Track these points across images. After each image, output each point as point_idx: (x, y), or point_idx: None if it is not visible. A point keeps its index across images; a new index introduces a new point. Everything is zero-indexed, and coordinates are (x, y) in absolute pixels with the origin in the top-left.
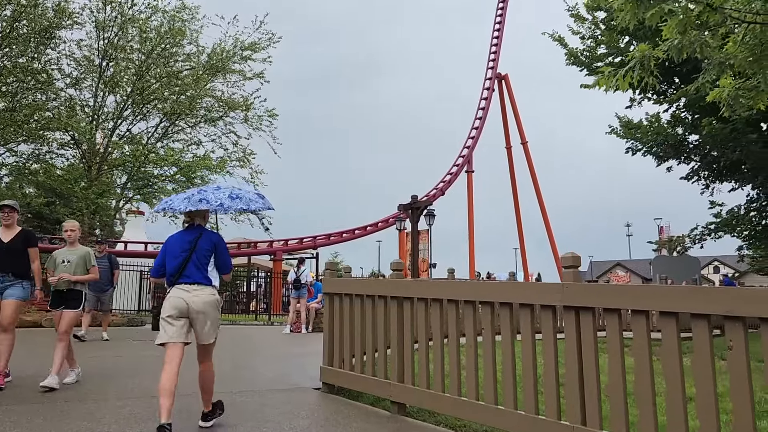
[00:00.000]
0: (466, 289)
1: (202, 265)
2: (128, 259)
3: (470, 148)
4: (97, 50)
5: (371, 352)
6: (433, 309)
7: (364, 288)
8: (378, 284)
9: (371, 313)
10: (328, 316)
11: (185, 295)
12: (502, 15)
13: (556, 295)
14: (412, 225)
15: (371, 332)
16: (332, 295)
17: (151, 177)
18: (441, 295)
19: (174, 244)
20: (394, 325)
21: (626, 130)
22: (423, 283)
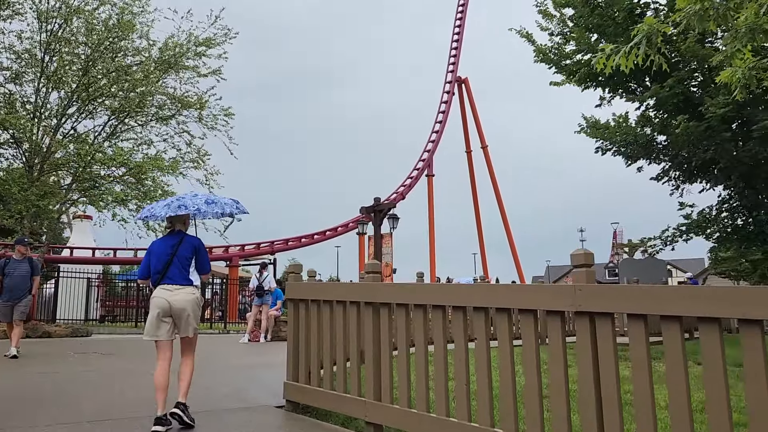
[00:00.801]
0: (467, 294)
1: (183, 267)
2: (75, 266)
3: (431, 152)
4: (39, 43)
5: (342, 365)
6: (416, 316)
7: (333, 293)
8: (350, 288)
9: (342, 322)
10: (293, 325)
11: (167, 294)
12: (462, 18)
13: (566, 299)
14: (374, 228)
15: (342, 343)
16: (297, 301)
17: (98, 178)
18: (429, 301)
19: (158, 248)
20: (369, 335)
21: (593, 130)
22: (405, 287)
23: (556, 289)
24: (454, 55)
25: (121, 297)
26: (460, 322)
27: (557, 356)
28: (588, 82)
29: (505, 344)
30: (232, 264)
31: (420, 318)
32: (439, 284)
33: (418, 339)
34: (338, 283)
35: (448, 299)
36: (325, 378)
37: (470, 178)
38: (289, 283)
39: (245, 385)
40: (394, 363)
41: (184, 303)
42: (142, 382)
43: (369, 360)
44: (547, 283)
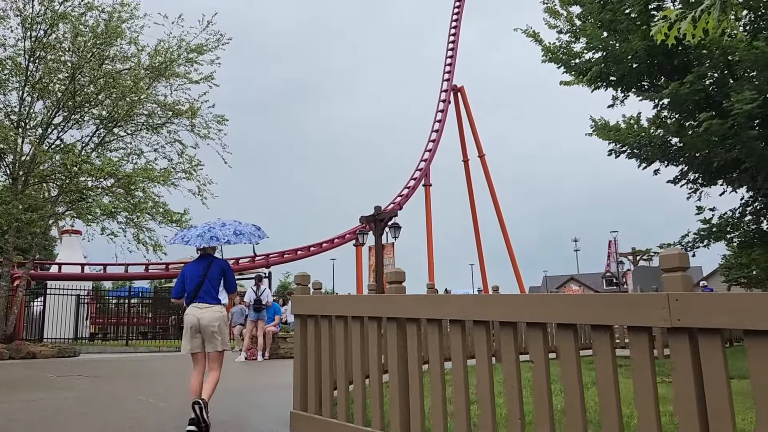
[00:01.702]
0: (519, 307)
1: (212, 288)
2: (63, 283)
3: (427, 162)
4: (24, 51)
5: (361, 390)
6: (451, 333)
7: (349, 307)
8: (369, 302)
9: (360, 340)
10: (300, 344)
11: (197, 312)
12: (457, 27)
13: (655, 311)
14: (375, 238)
15: (360, 365)
16: (305, 317)
17: (85, 189)
18: (468, 315)
19: (190, 271)
20: (393, 356)
21: (604, 132)
22: (437, 299)
23: (639, 300)
24: (450, 63)
25: (113, 314)
26: (510, 340)
27: (645, 387)
28: (599, 82)
29: (572, 366)
30: None
31: (457, 335)
32: (480, 295)
33: (456, 359)
34: (354, 296)
35: (493, 313)
36: (340, 406)
37: (468, 187)
38: (296, 296)
39: (245, 412)
40: (425, 388)
41: (212, 320)
42: (130, 410)
43: (394, 385)
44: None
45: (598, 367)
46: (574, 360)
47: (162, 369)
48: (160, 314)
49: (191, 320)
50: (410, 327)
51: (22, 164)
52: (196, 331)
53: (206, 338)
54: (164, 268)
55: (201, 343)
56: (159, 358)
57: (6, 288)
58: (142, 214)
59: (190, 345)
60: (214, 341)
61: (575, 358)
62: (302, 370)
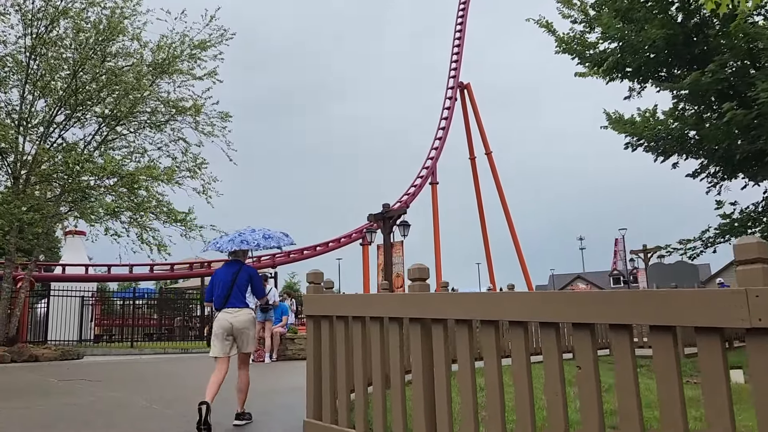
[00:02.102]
0: (563, 305)
1: (241, 293)
2: (67, 284)
3: (434, 159)
4: (24, 47)
5: (380, 399)
6: (482, 335)
7: (368, 307)
8: (391, 301)
9: (380, 343)
10: (314, 347)
11: (228, 317)
12: (463, 23)
13: (732, 310)
14: (384, 236)
15: (380, 370)
16: (318, 318)
17: (87, 188)
18: (505, 315)
19: (220, 276)
20: (418, 360)
21: (620, 125)
22: (469, 297)
23: (711, 298)
24: (456, 60)
25: (118, 316)
26: (552, 342)
27: (720, 401)
28: (614, 73)
29: (628, 372)
30: None
31: (490, 337)
32: (517, 292)
33: (489, 364)
34: (373, 295)
35: (533, 312)
36: (358, 414)
37: (474, 185)
38: (309, 296)
39: (258, 420)
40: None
41: (244, 323)
42: (133, 417)
43: (418, 392)
44: None
45: (661, 377)
46: (629, 362)
47: (167, 372)
48: (165, 315)
49: (223, 324)
50: (436, 328)
51: (24, 164)
52: (228, 334)
53: (238, 340)
54: (169, 269)
55: (230, 346)
56: (164, 360)
57: (8, 290)
58: (146, 214)
59: (219, 350)
60: (245, 342)
61: (631, 361)
62: (316, 375)
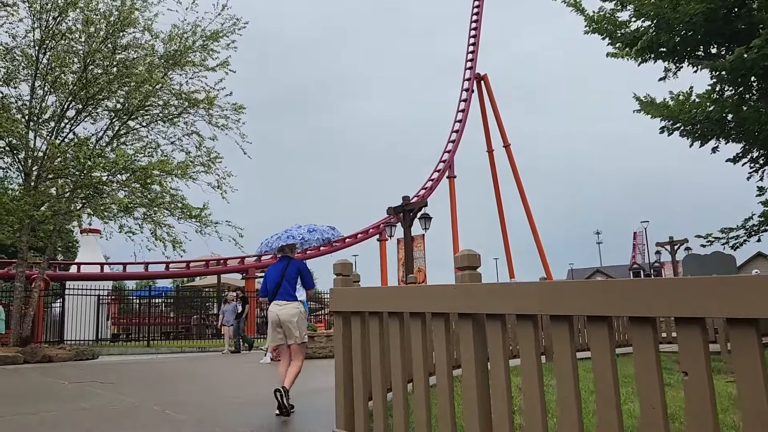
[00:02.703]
0: (651, 295)
1: (290, 287)
2: (83, 283)
3: (451, 153)
4: (33, 41)
5: (424, 405)
6: (557, 330)
7: (407, 301)
8: (434, 295)
9: (421, 342)
10: (343, 348)
11: (277, 309)
12: (479, 13)
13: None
14: (404, 230)
15: (422, 373)
16: (348, 315)
17: (99, 184)
18: (583, 310)
19: (271, 272)
20: (469, 362)
21: (655, 109)
22: (531, 287)
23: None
24: (472, 51)
25: (135, 314)
26: (649, 339)
27: None
28: (647, 54)
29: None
30: (248, 276)
31: (564, 334)
32: (598, 281)
33: (563, 367)
34: (414, 287)
35: (624, 305)
36: (398, 424)
37: (492, 178)
38: (337, 289)
39: (278, 428)
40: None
41: (290, 315)
42: (144, 423)
43: (470, 399)
44: None
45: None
46: (702, 360)
47: (183, 373)
48: (182, 314)
49: (272, 317)
50: (492, 325)
51: (35, 160)
52: (277, 326)
53: (286, 332)
54: (185, 267)
55: (284, 336)
56: (181, 360)
57: (21, 289)
58: (160, 209)
59: (275, 338)
60: (293, 334)
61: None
62: (346, 380)
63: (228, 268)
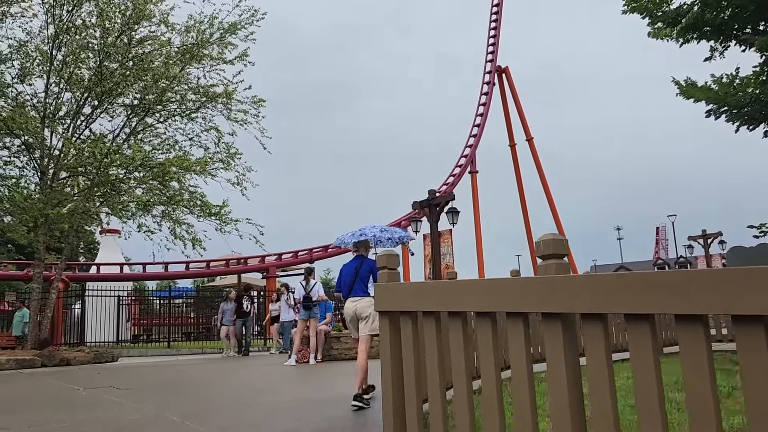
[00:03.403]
0: None
1: (363, 283)
2: (103, 284)
3: (473, 147)
4: (48, 38)
5: (497, 423)
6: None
7: (471, 298)
8: (510, 291)
9: (492, 348)
10: (391, 354)
11: (351, 305)
12: (499, 4)
13: None
14: (431, 225)
15: (494, 384)
16: (397, 314)
17: (116, 182)
18: (707, 307)
19: (345, 270)
20: (558, 372)
21: (700, 91)
22: (639, 278)
23: None
24: (493, 44)
25: (156, 315)
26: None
27: None
28: (691, 33)
29: None
30: (269, 275)
31: (696, 333)
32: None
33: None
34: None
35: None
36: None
37: (515, 173)
38: (383, 286)
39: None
40: None
41: (365, 308)
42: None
43: (561, 418)
44: None
45: None
46: None
47: (204, 377)
48: (202, 314)
49: (348, 312)
50: (593, 327)
51: (51, 157)
52: (352, 320)
53: (361, 322)
54: (205, 266)
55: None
56: (201, 362)
57: (38, 290)
58: (178, 207)
59: (353, 332)
60: (365, 325)
61: None
62: (397, 392)
63: (248, 267)
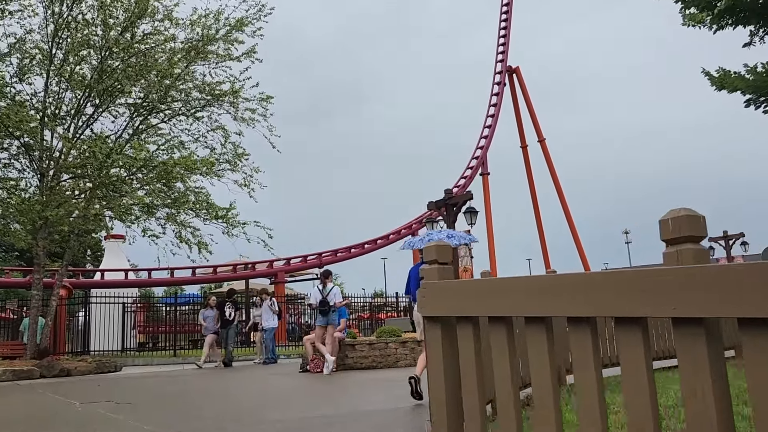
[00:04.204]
0: None
1: None
2: (108, 291)
3: (484, 149)
4: (47, 35)
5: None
6: None
7: (564, 298)
8: (615, 284)
9: (592, 365)
10: (444, 371)
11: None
12: (509, 3)
13: None
14: (447, 226)
15: (597, 417)
16: (452, 320)
17: (118, 182)
18: None
19: (414, 273)
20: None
21: (739, 80)
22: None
23: None
24: (503, 44)
25: (162, 322)
26: None
27: None
28: (728, 17)
29: None
30: (278, 280)
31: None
32: None
33: None
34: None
35: None
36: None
37: (527, 175)
38: (433, 284)
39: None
40: None
41: None
42: None
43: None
44: None
45: None
46: None
47: (210, 389)
48: None
49: (417, 315)
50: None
51: (52, 158)
52: (419, 323)
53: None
54: (212, 272)
55: None
56: (207, 372)
57: (38, 297)
58: (183, 209)
59: (420, 332)
60: None
61: None
62: (452, 414)
63: (256, 272)
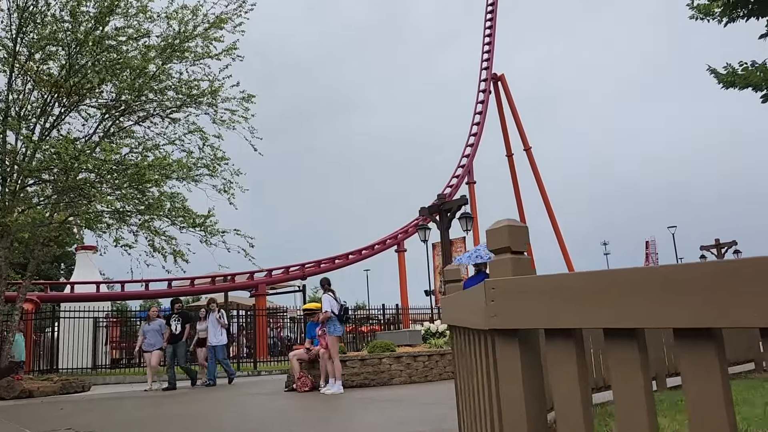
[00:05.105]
0: None
1: None
2: (77, 305)
3: (470, 158)
4: (11, 29)
5: None
6: None
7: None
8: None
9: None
10: (527, 415)
11: None
12: (493, 10)
13: None
14: (441, 233)
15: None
16: (532, 335)
17: (85, 185)
18: None
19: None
20: None
21: (754, 74)
22: None
23: None
24: (488, 51)
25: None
26: None
27: None
28: (740, 8)
29: None
30: (259, 293)
31: None
32: None
33: None
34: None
35: None
36: None
37: (513, 184)
38: (506, 282)
39: None
40: None
41: None
42: None
43: None
44: None
45: None
46: None
47: (181, 414)
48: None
49: None
50: None
51: (15, 162)
52: None
53: None
54: (189, 284)
55: None
56: (181, 392)
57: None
58: (158, 216)
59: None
60: None
61: None
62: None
63: (236, 285)
